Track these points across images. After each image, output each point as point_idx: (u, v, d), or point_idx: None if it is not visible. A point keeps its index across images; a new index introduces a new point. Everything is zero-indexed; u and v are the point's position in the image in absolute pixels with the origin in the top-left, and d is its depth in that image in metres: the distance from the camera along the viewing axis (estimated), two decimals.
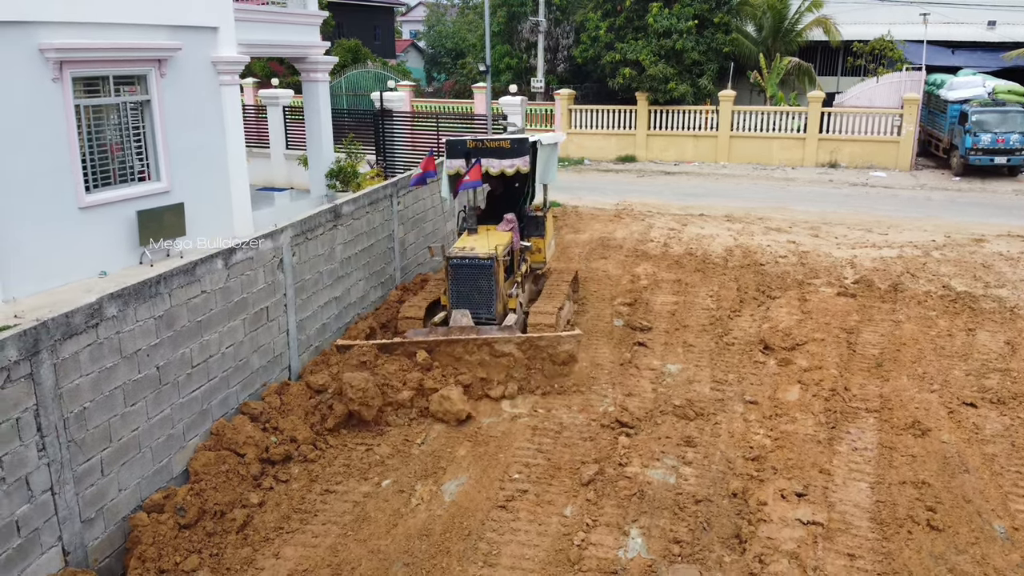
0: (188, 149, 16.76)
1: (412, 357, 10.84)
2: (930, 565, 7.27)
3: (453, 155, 12.42)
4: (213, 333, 8.83)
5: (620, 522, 7.85)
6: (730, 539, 7.62)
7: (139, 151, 16.20)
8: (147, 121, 16.15)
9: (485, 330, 11.21)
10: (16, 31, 14.16)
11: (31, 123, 14.16)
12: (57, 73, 14.52)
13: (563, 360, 10.91)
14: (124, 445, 7.66)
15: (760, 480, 8.55)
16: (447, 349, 10.90)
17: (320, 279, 11.16)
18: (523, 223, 13.26)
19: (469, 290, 11.55)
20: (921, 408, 10.19)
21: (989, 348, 12.35)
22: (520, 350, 10.91)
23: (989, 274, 16.68)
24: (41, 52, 14.24)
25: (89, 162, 15.25)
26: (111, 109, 15.65)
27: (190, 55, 16.61)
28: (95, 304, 7.21)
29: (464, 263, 11.48)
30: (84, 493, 7.22)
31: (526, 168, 12.33)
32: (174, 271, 8.15)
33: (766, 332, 12.59)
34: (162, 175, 16.38)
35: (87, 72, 15.06)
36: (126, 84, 15.91)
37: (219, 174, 17.52)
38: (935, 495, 8.32)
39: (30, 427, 6.64)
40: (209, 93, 17.25)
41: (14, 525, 6.54)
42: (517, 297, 12.24)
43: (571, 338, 11.00)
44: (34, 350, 6.61)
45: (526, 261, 13.28)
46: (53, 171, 14.51)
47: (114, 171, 15.76)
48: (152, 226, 16.02)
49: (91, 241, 14.99)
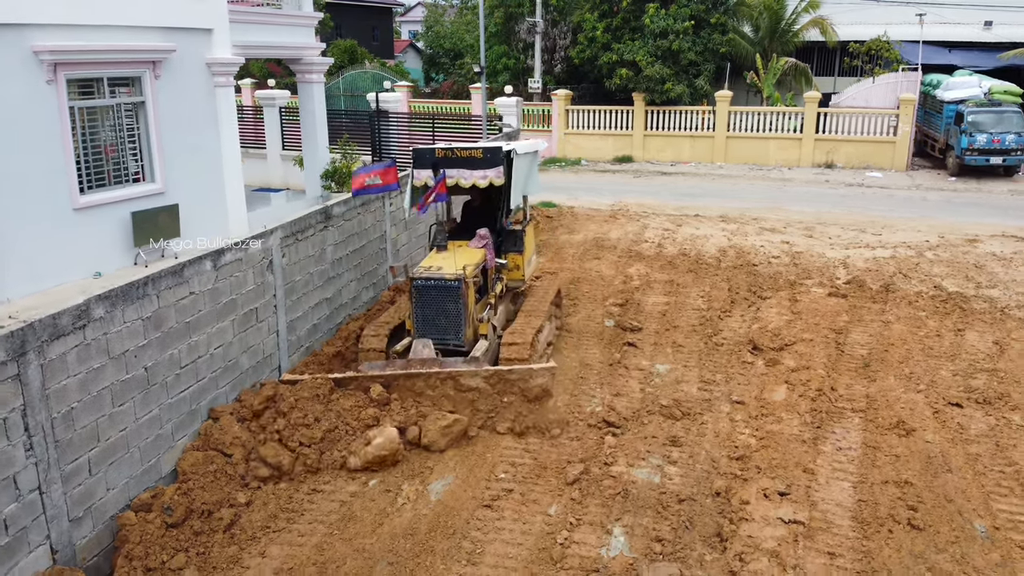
0: (183, 150, 16.76)
1: (368, 392, 9.92)
2: (909, 564, 7.35)
3: (420, 165, 11.34)
4: (202, 334, 8.93)
5: (604, 521, 7.94)
6: (711, 538, 7.70)
7: (133, 152, 16.27)
8: (141, 123, 16.17)
9: (449, 362, 10.17)
10: (10, 33, 14.19)
11: (25, 125, 14.17)
12: (51, 75, 14.56)
13: (536, 395, 9.92)
14: (112, 445, 7.76)
15: (744, 479, 8.63)
16: (406, 383, 9.94)
17: (311, 280, 11.24)
18: (500, 238, 12.16)
19: (435, 315, 10.52)
20: (906, 408, 10.27)
21: (977, 348, 12.42)
22: (488, 384, 9.94)
23: (981, 274, 16.74)
24: (35, 54, 14.30)
25: (83, 163, 15.28)
26: (105, 111, 15.69)
27: (184, 57, 16.64)
28: (82, 305, 7.32)
29: (430, 285, 10.44)
30: (72, 492, 7.31)
31: (500, 180, 11.28)
32: (162, 272, 8.27)
33: (755, 332, 12.68)
34: (156, 176, 16.37)
35: (81, 74, 15.10)
36: (121, 86, 15.96)
37: (214, 175, 17.49)
38: (917, 494, 8.40)
39: (17, 427, 6.73)
40: (204, 95, 17.26)
41: (2, 524, 6.64)
42: (489, 321, 11.15)
43: (545, 371, 9.99)
44: (21, 351, 6.70)
45: (502, 280, 12.12)
46: (47, 172, 14.53)
47: (108, 172, 15.80)
48: (147, 227, 16.01)
49: (86, 242, 14.99)
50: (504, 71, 34.58)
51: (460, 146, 11.74)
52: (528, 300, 12.42)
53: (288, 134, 25.00)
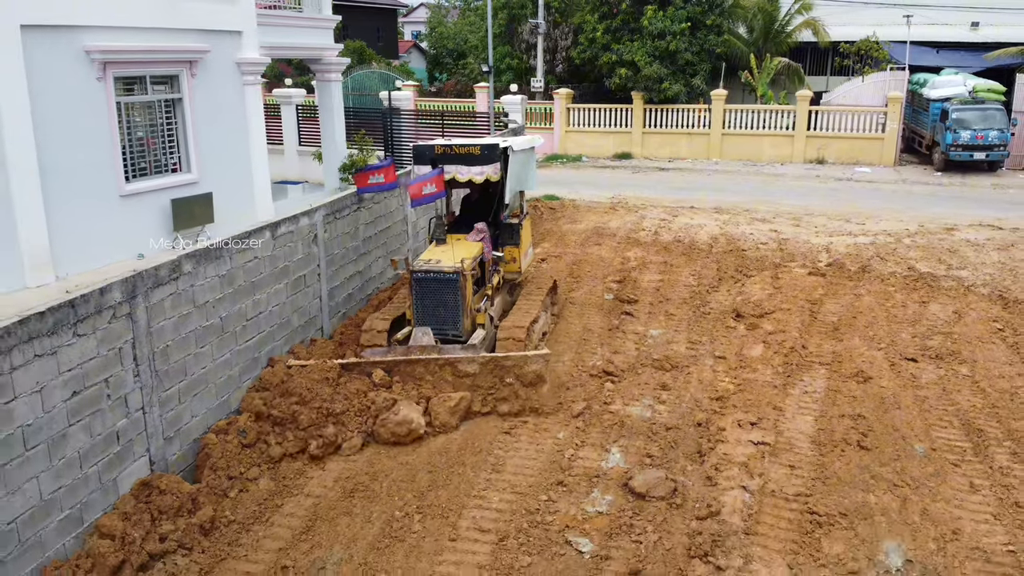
0: (215, 143, 18.58)
1: (371, 376, 10.71)
2: (856, 474, 9.14)
3: (420, 161, 12.14)
4: (263, 293, 10.73)
5: (603, 443, 9.74)
6: (693, 454, 9.50)
7: (171, 145, 18.09)
8: (178, 117, 18.01)
9: (447, 349, 10.91)
10: (65, 34, 15.98)
11: (78, 118, 16.01)
12: (101, 73, 16.35)
13: (530, 381, 10.63)
14: (195, 380, 9.55)
15: (721, 414, 10.44)
16: (407, 369, 10.72)
17: (347, 254, 13.04)
18: (497, 231, 12.89)
19: (434, 306, 11.25)
20: (867, 362, 12.08)
21: (938, 316, 14.22)
22: (485, 370, 10.67)
23: (953, 258, 18.50)
24: (87, 54, 16.12)
25: (128, 154, 17.14)
26: (147, 106, 17.54)
27: (217, 57, 18.47)
28: (176, 261, 9.12)
29: (429, 277, 11.17)
30: (166, 416, 9.10)
31: (496, 176, 12.06)
32: (233, 238, 10.03)
33: (739, 303, 14.49)
34: (192, 167, 18.20)
35: (127, 72, 16.92)
36: (160, 83, 17.81)
37: (243, 167, 19.32)
38: (868, 425, 10.19)
39: (128, 356, 8.51)
40: (234, 92, 19.09)
41: (115, 435, 8.40)
42: (487, 311, 11.88)
43: (539, 358, 10.73)
44: (132, 294, 8.50)
45: (498, 272, 12.85)
46: (97, 162, 16.34)
47: (150, 163, 17.62)
48: (184, 214, 17.82)
49: (131, 226, 16.78)
50: (508, 71, 36.42)
51: (458, 142, 12.38)
52: (524, 291, 13.25)
53: (303, 131, 26.79)
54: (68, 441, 7.74)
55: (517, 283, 13.61)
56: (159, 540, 7.94)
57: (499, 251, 12.63)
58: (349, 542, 8.04)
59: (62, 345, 7.60)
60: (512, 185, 12.46)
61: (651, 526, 8.12)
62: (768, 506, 8.51)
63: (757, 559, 7.67)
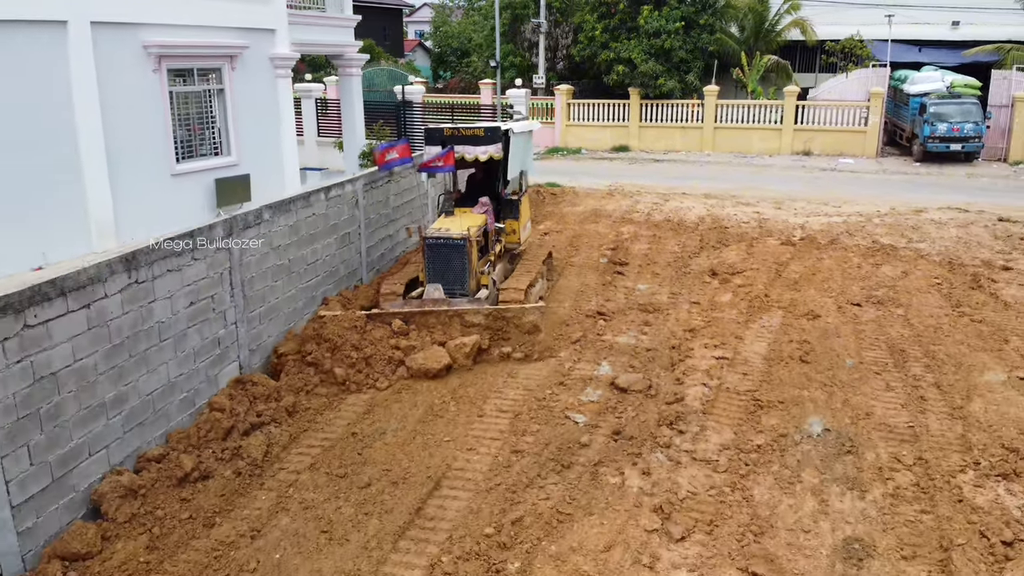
0: (251, 130, 21.49)
1: (391, 326, 12.70)
2: (795, 378, 11.95)
3: (431, 142, 14.09)
4: (319, 244, 13.54)
5: (595, 360, 12.57)
6: (667, 365, 12.33)
7: (214, 131, 20.94)
8: (220, 106, 20.87)
9: (456, 302, 12.85)
10: (127, 31, 18.81)
11: (137, 106, 18.84)
12: (156, 65, 19.17)
13: (528, 330, 12.68)
14: (270, 308, 12.35)
15: (692, 341, 13.28)
16: (422, 319, 12.69)
17: (380, 219, 15.87)
18: (499, 206, 14.87)
19: (444, 268, 13.17)
20: (818, 306, 14.91)
21: (887, 275, 17.05)
22: (488, 320, 12.63)
23: (915, 233, 21.33)
24: (145, 48, 18.95)
25: (178, 138, 19.99)
26: (194, 96, 20.38)
27: (254, 52, 21.37)
28: (258, 209, 11.91)
29: (439, 243, 13.15)
30: (250, 332, 11.90)
31: (499, 155, 13.94)
32: (297, 196, 12.84)
33: (715, 265, 17.34)
34: (232, 151, 21.11)
35: (178, 65, 19.81)
36: (205, 75, 20.66)
37: (275, 151, 22.27)
38: (811, 347, 13.01)
39: (226, 280, 11.31)
40: (267, 84, 22.02)
41: (217, 340, 11.21)
42: (490, 274, 13.79)
43: (535, 309, 12.77)
44: (230, 232, 11.29)
45: (500, 241, 14.85)
46: (152, 144, 19.20)
47: (196, 146, 20.50)
48: (226, 192, 20.74)
49: (180, 201, 19.66)
50: (511, 68, 39.35)
51: (465, 125, 14.44)
52: (523, 260, 15.29)
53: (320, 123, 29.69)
54: (187, 340, 10.53)
55: (517, 253, 15.66)
56: (256, 415, 10.73)
57: (501, 223, 14.82)
58: (401, 419, 10.84)
59: (184, 265, 10.40)
60: (513, 164, 14.44)
61: (631, 408, 10.93)
62: (722, 397, 11.31)
63: (710, 428, 10.47)
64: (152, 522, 8.79)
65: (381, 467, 9.69)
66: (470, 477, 9.48)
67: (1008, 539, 8.34)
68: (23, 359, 8.19)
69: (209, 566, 8.10)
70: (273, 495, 9.29)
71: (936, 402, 11.29)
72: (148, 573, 8.08)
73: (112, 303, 9.24)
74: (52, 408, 8.54)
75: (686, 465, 9.66)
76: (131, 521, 8.76)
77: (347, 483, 9.41)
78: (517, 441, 10.19)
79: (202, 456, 9.84)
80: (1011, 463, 9.74)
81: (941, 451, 10.03)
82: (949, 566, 7.99)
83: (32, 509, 8.34)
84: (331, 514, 8.83)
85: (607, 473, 9.51)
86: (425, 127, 14.71)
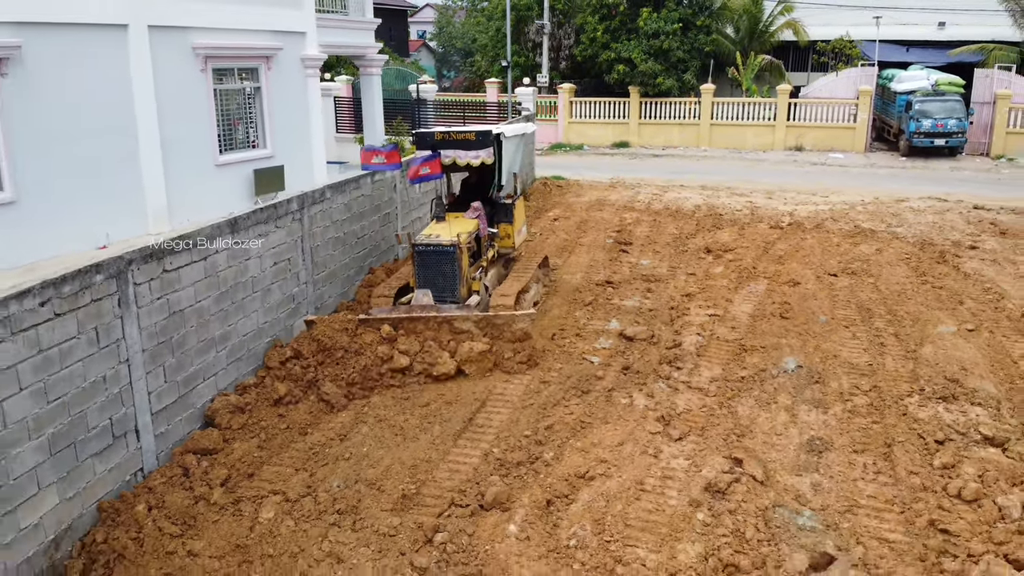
0: (284, 125, 24.05)
1: (379, 331, 12.90)
2: (775, 330, 14.62)
3: (422, 146, 14.22)
4: (366, 220, 16.20)
5: (605, 317, 15.25)
6: (667, 321, 15.01)
7: (252, 125, 23.57)
8: (257, 103, 23.46)
9: (445, 308, 12.99)
10: (179, 34, 21.34)
11: (186, 101, 21.40)
12: (203, 65, 21.68)
13: (518, 337, 12.77)
14: (330, 273, 14.99)
15: (688, 303, 15.93)
16: (410, 325, 12.79)
17: (411, 203, 18.54)
18: (493, 210, 14.97)
19: (434, 275, 13.33)
20: (799, 275, 17.60)
21: (863, 251, 19.74)
22: (478, 327, 12.71)
23: (894, 219, 24.01)
24: (193, 50, 21.53)
25: (221, 132, 22.58)
26: (234, 93, 22.98)
27: (287, 54, 23.94)
28: (321, 188, 14.54)
29: (429, 250, 13.28)
30: (316, 292, 14.50)
31: (490, 160, 14.11)
32: (349, 180, 15.45)
33: (710, 243, 20.05)
34: (268, 144, 23.65)
35: (221, 65, 22.38)
36: (245, 74, 23.28)
37: (305, 144, 24.77)
38: (790, 307, 15.69)
39: (298, 247, 13.95)
40: (298, 83, 24.60)
41: (292, 296, 13.82)
42: (481, 280, 13.91)
43: (525, 317, 12.76)
44: (301, 206, 13.91)
45: (493, 246, 14.96)
46: (199, 137, 21.74)
47: (236, 140, 23.07)
48: (263, 182, 23.21)
49: (223, 190, 22.14)
50: (515, 67, 42.03)
51: (456, 129, 14.54)
52: (518, 265, 15.49)
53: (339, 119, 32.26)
54: (271, 293, 13.15)
55: (512, 258, 15.92)
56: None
57: (494, 228, 15.06)
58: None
59: (269, 231, 13.04)
60: (506, 168, 14.67)
61: (637, 352, 13.61)
62: (713, 344, 14.00)
63: (703, 366, 13.14)
64: (258, 430, 11.43)
65: (435, 392, 12.32)
66: (508, 399, 12.14)
67: (940, 439, 11.00)
68: (162, 296, 10.84)
69: (311, 459, 10.74)
70: (351, 413, 11.94)
71: (893, 347, 13.97)
72: (263, 463, 10.71)
73: (221, 258, 11.89)
74: (180, 338, 11.18)
75: (683, 391, 12.33)
76: (243, 428, 11.39)
77: (410, 403, 12.07)
78: (544, 375, 12.82)
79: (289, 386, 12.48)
80: (950, 390, 12.41)
81: (893, 381, 12.71)
82: (891, 456, 10.65)
83: (164, 418, 10.97)
84: (401, 423, 11.49)
85: (619, 396, 12.17)
86: (414, 131, 15.29)
